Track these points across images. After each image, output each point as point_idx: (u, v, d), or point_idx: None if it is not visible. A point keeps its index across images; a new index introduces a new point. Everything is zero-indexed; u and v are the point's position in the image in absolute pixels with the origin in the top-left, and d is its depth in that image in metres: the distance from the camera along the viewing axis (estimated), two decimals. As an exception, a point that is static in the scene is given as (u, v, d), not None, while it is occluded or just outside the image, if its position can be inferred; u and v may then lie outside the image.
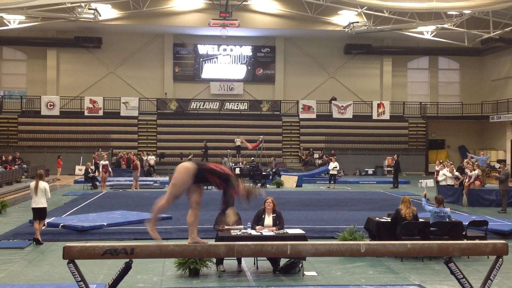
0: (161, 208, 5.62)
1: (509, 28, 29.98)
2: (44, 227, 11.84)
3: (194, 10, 32.85)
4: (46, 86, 34.73)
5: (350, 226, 10.82)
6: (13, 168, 25.33)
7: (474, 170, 19.07)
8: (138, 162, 23.41)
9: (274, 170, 27.19)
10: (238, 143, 33.00)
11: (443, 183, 19.53)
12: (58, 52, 34.99)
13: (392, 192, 22.68)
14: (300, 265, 8.93)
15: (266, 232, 9.02)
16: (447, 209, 10.58)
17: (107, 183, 23.04)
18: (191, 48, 36.21)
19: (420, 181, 18.27)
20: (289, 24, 33.57)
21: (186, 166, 5.61)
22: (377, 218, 10.80)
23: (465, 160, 22.23)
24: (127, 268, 5.44)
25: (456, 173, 19.66)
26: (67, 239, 11.33)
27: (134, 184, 22.71)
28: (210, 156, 31.87)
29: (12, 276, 8.69)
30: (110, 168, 23.71)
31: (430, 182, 17.41)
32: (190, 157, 28.21)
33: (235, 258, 9.13)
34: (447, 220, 10.35)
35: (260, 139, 29.10)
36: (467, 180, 19.05)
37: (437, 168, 20.65)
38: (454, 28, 30.93)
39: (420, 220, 10.42)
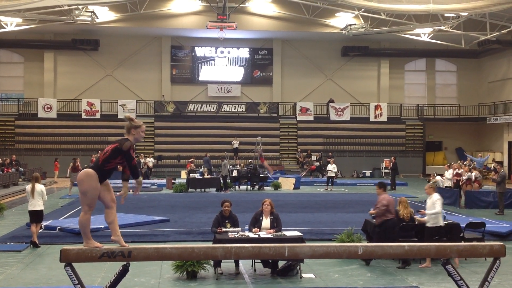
0: (85, 223, 5.55)
1: (506, 30, 30.07)
2: (41, 230, 11.81)
3: (191, 13, 32.88)
4: (43, 89, 34.69)
5: (347, 228, 10.84)
6: (10, 171, 25.28)
7: (471, 172, 19.09)
8: (79, 164, 22.72)
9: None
10: (235, 145, 33.02)
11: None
12: (56, 54, 34.97)
13: (390, 194, 22.64)
14: (298, 267, 8.92)
15: (263, 234, 9.02)
16: (442, 210, 10.64)
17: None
18: (189, 50, 36.23)
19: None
20: (286, 26, 33.61)
21: (87, 173, 5.53)
22: (374, 220, 10.79)
23: (465, 162, 22.25)
24: (124, 271, 5.42)
25: (460, 170, 19.58)
26: (64, 242, 11.30)
27: (71, 186, 21.74)
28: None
29: (9, 279, 8.67)
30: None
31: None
32: (192, 159, 28.23)
33: (233, 261, 9.12)
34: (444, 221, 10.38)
35: (258, 140, 29.17)
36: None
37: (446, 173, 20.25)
38: (451, 30, 31.00)
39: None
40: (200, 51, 36.21)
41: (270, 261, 9.04)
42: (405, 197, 11.05)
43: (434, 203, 9.62)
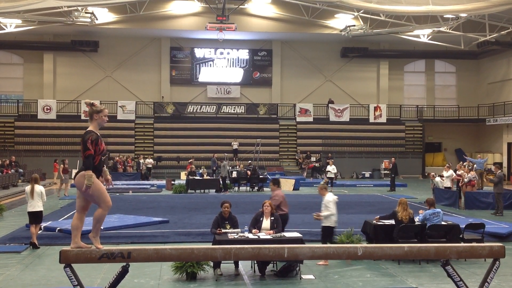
0: (99, 217, 5.50)
1: (505, 31, 30.10)
2: (40, 231, 11.80)
3: (191, 14, 32.90)
4: (43, 90, 34.69)
5: (347, 229, 10.83)
6: (9, 172, 25.26)
7: (469, 172, 19.11)
8: (67, 166, 22.80)
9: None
10: (235, 147, 33.01)
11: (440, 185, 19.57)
12: (55, 55, 34.96)
13: (389, 195, 22.69)
14: (298, 268, 8.92)
15: (263, 235, 9.02)
16: (439, 209, 10.66)
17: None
18: (188, 51, 36.23)
19: None
20: (286, 28, 33.62)
21: (83, 175, 5.37)
22: (374, 221, 10.80)
23: (464, 164, 22.25)
24: (124, 272, 5.42)
25: (460, 172, 19.56)
26: (64, 243, 11.25)
27: (66, 187, 21.95)
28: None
29: (8, 280, 8.66)
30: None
31: None
32: (191, 160, 28.25)
33: (232, 262, 9.11)
34: (441, 220, 10.42)
35: (257, 141, 29.20)
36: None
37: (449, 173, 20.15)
38: (450, 31, 31.02)
39: (417, 223, 10.44)
40: (199, 52, 36.21)
41: (270, 264, 9.05)
42: (404, 198, 11.03)
43: (327, 205, 9.87)
